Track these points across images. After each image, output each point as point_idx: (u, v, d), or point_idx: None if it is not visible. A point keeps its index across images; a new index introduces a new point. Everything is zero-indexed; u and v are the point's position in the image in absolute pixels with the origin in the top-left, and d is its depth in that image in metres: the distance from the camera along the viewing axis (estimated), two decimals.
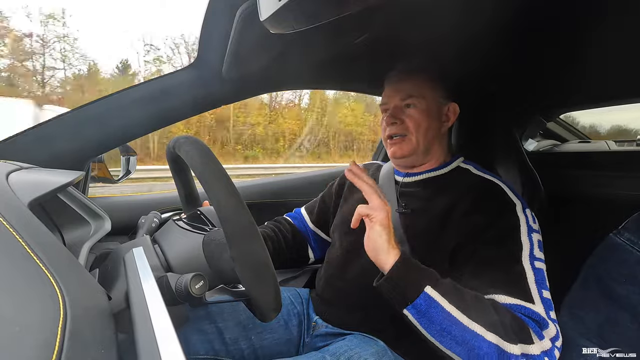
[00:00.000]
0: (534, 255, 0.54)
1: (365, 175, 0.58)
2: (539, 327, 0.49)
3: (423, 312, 0.48)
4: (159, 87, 0.78)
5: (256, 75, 0.82)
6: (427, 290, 0.48)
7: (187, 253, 0.46)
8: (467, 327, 0.46)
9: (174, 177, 0.57)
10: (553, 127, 1.31)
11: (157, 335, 0.24)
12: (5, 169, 0.44)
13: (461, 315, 0.47)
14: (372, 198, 0.54)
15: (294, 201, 1.07)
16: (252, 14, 0.52)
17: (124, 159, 0.89)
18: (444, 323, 0.47)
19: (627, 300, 0.50)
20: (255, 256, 0.38)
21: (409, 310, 0.49)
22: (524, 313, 0.49)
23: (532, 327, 0.48)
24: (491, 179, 0.65)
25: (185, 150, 0.43)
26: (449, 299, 0.48)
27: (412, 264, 0.51)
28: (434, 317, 0.47)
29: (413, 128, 0.67)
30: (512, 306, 0.49)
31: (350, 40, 0.69)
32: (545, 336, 0.48)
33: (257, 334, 0.68)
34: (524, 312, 0.49)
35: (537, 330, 0.48)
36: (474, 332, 0.46)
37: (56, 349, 0.20)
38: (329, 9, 0.38)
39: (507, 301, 0.50)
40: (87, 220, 0.52)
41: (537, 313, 0.49)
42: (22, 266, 0.26)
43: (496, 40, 0.71)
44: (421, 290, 0.48)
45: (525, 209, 0.59)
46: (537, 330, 0.48)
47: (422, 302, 0.48)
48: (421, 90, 0.67)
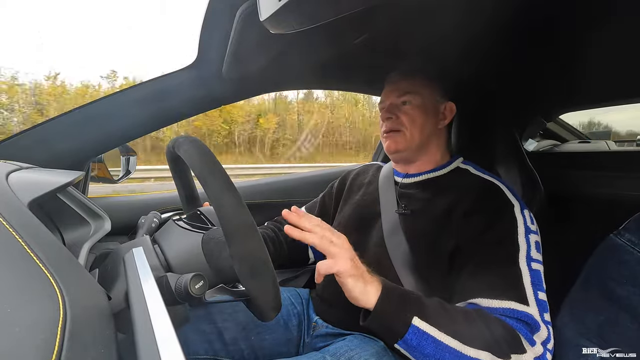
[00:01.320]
0: (531, 257, 0.54)
1: (304, 219, 0.52)
2: (530, 332, 0.48)
3: (414, 346, 0.47)
4: (159, 87, 0.78)
5: (256, 75, 0.82)
6: (415, 323, 0.47)
7: (187, 253, 0.46)
8: (461, 353, 0.45)
9: (173, 177, 0.57)
10: (553, 127, 1.31)
11: (156, 336, 0.24)
12: (5, 169, 0.44)
13: (453, 341, 0.46)
14: (328, 250, 0.49)
15: (294, 201, 1.07)
16: (252, 14, 0.52)
17: (124, 159, 0.89)
18: (437, 354, 0.46)
19: (627, 301, 0.50)
20: (254, 255, 0.38)
21: (400, 346, 0.48)
22: (517, 317, 0.48)
23: (524, 334, 0.48)
24: (490, 179, 0.65)
25: (184, 150, 0.43)
26: (438, 326, 0.47)
27: (394, 295, 0.49)
28: (426, 349, 0.46)
29: (408, 123, 0.68)
30: (505, 310, 0.49)
31: (350, 41, 0.70)
32: (536, 341, 0.48)
33: (257, 334, 0.68)
34: (517, 316, 0.48)
35: (528, 337, 0.48)
36: (467, 356, 0.45)
37: (56, 349, 0.20)
38: (329, 9, 0.38)
39: (501, 305, 0.49)
40: (87, 220, 0.52)
41: (530, 316, 0.48)
42: (21, 266, 0.26)
43: (496, 40, 0.71)
44: (409, 324, 0.47)
45: (523, 210, 0.59)
46: (528, 336, 0.48)
47: (412, 337, 0.46)
48: (418, 88, 0.69)
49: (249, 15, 0.54)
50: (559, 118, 1.25)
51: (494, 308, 0.50)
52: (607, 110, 1.03)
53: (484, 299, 0.51)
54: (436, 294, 0.60)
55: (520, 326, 0.48)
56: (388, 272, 0.63)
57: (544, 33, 0.67)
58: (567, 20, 0.62)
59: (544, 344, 0.48)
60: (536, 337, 0.48)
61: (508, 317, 0.49)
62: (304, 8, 0.37)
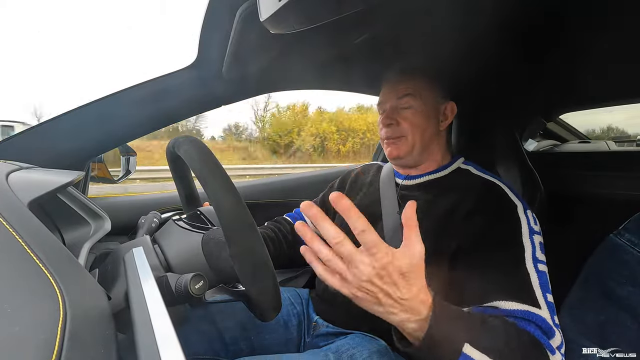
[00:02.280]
0: (537, 258, 0.53)
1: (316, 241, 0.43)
2: (548, 339, 0.46)
3: None
4: (159, 87, 0.78)
5: (256, 75, 0.82)
6: (465, 351, 0.40)
7: (187, 253, 0.46)
8: None
9: (173, 177, 0.57)
10: (553, 127, 1.31)
11: (156, 336, 0.24)
12: (5, 169, 0.44)
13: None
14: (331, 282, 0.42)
15: (294, 201, 1.07)
16: (252, 14, 0.52)
17: (124, 159, 0.89)
18: None
19: (627, 301, 0.50)
20: (254, 255, 0.38)
21: None
22: (532, 320, 0.47)
23: (544, 341, 0.45)
24: (492, 179, 0.65)
25: (184, 150, 0.43)
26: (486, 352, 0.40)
27: (447, 314, 0.42)
28: None
29: (409, 129, 0.67)
30: (523, 312, 0.47)
31: (350, 41, 0.69)
32: (554, 347, 0.46)
33: (257, 334, 0.68)
34: (532, 319, 0.47)
35: (548, 345, 0.45)
36: None
37: (56, 349, 0.20)
38: (329, 9, 0.38)
39: (515, 307, 0.47)
40: (87, 220, 0.52)
41: (544, 319, 0.47)
42: (21, 266, 0.26)
43: (496, 40, 0.71)
44: (460, 351, 0.40)
45: (526, 210, 0.58)
46: (548, 344, 0.46)
47: None
48: (418, 89, 0.67)
49: (249, 15, 0.54)
50: (559, 118, 1.25)
51: (511, 310, 0.47)
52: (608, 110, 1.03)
53: (498, 301, 0.48)
54: (436, 294, 0.60)
55: (540, 334, 0.46)
56: None
57: (544, 33, 0.67)
58: (567, 20, 0.62)
59: (559, 349, 0.47)
60: (552, 342, 0.46)
61: (527, 322, 0.47)
62: (304, 8, 0.37)
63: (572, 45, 0.70)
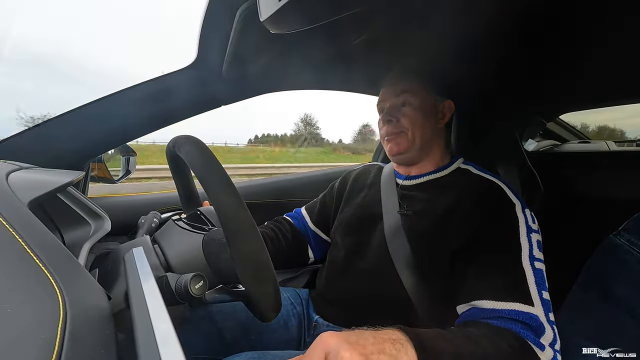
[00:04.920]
0: (534, 256, 0.54)
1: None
2: (537, 336, 0.47)
3: None
4: (159, 87, 0.78)
5: (256, 75, 0.82)
6: None
7: (187, 253, 0.46)
8: None
9: (173, 177, 0.57)
10: (553, 127, 1.31)
11: (156, 336, 0.24)
12: (5, 169, 0.44)
13: None
14: None
15: (294, 201, 1.07)
16: (252, 14, 0.52)
17: (124, 159, 0.89)
18: None
19: (627, 301, 0.50)
20: (254, 256, 0.38)
21: None
22: (522, 319, 0.48)
23: (531, 339, 0.47)
24: (491, 178, 0.65)
25: (185, 150, 0.43)
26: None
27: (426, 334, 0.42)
28: None
29: (409, 125, 0.68)
30: (510, 312, 0.48)
31: (350, 41, 0.70)
32: (544, 344, 0.47)
33: (257, 334, 0.68)
34: (521, 318, 0.48)
35: (536, 342, 0.47)
36: None
37: (56, 348, 0.20)
38: (329, 9, 0.38)
39: (506, 306, 0.49)
40: (87, 220, 0.52)
41: (535, 317, 0.48)
42: (21, 266, 0.26)
43: (496, 40, 0.71)
44: None
45: (524, 209, 0.59)
46: (536, 341, 0.47)
47: None
48: (416, 88, 0.69)
49: (249, 15, 0.55)
50: (559, 118, 1.25)
51: (499, 310, 0.49)
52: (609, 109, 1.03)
53: (488, 300, 0.50)
54: (437, 294, 0.60)
55: (527, 333, 0.47)
56: (389, 273, 0.64)
57: (544, 33, 0.67)
58: (567, 21, 0.62)
59: (551, 346, 0.48)
60: (543, 340, 0.48)
61: (513, 321, 0.48)
62: (304, 8, 0.37)
63: (572, 45, 0.70)
